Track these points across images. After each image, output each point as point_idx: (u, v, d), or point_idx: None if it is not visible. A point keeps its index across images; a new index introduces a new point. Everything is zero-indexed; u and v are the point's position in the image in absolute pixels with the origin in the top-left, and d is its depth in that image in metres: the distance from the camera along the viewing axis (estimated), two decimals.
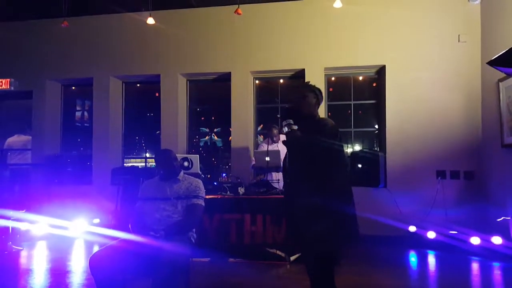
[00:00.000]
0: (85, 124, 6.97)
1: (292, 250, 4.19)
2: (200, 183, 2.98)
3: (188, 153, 6.22)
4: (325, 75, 5.86)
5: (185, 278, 2.75)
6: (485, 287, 3.71)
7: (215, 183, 4.87)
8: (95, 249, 4.63)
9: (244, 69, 6.01)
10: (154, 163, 6.47)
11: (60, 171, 6.50)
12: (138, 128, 6.82)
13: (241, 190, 4.58)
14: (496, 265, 4.16)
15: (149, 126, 6.75)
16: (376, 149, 5.88)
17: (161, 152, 3.12)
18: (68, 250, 4.91)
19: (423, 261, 4.54)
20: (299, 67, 5.84)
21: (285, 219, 4.07)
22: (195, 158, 4.70)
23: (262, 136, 6.26)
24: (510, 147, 4.56)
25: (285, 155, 2.38)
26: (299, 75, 5.92)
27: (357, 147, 6.00)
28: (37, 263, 4.36)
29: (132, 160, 6.81)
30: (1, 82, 6.40)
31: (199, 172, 4.72)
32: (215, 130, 6.69)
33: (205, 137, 6.71)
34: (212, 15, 6.07)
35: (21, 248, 4.88)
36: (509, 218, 4.37)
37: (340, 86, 6.06)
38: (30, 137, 6.64)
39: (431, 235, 4.86)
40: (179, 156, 4.28)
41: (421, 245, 4.86)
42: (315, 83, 2.50)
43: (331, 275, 2.11)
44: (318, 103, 2.34)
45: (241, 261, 4.24)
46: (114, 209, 5.55)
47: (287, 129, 2.19)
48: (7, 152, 6.52)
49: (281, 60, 5.87)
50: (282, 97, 6.27)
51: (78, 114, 7.05)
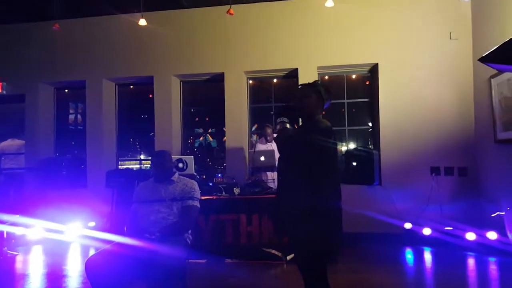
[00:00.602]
0: (79, 127, 6.92)
1: (288, 249, 4.19)
2: (195, 185, 2.98)
3: (182, 154, 6.20)
4: (318, 74, 5.88)
5: (181, 280, 2.74)
6: (481, 282, 3.73)
7: (210, 184, 4.87)
8: (91, 252, 4.62)
9: (237, 69, 6.00)
10: (149, 165, 6.47)
11: (54, 175, 6.44)
12: (132, 130, 6.79)
13: (237, 190, 4.59)
14: (491, 260, 4.20)
15: (143, 128, 6.72)
16: (370, 147, 5.90)
17: (157, 153, 3.11)
18: (64, 254, 4.87)
19: (419, 257, 4.56)
20: (292, 66, 5.85)
21: (272, 216, 4.07)
22: (190, 159, 4.70)
23: (256, 135, 6.27)
24: (503, 143, 4.59)
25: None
26: (293, 74, 5.93)
27: (351, 145, 6.02)
28: (33, 268, 4.32)
29: (126, 162, 6.78)
30: None
31: (194, 173, 4.71)
32: (210, 130, 6.67)
33: (200, 138, 6.69)
34: (204, 15, 6.06)
35: (17, 253, 4.85)
36: (504, 213, 4.40)
37: (333, 85, 6.07)
38: (23, 141, 6.59)
39: (427, 231, 4.89)
40: (174, 157, 4.28)
41: (417, 242, 4.88)
42: (309, 81, 2.49)
43: (324, 274, 2.10)
44: (322, 104, 2.31)
45: (237, 262, 4.25)
46: (109, 212, 5.53)
47: (279, 126, 2.19)
48: (1, 156, 6.48)
49: (274, 59, 5.87)
50: (276, 96, 6.27)
51: (71, 117, 7.00)
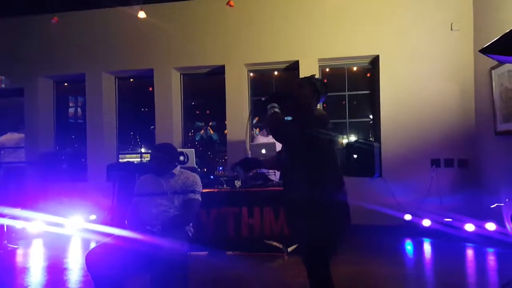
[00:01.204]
0: (79, 120, 6.91)
1: (289, 241, 4.21)
2: (197, 178, 2.97)
3: (183, 147, 6.20)
4: (319, 66, 5.86)
5: (183, 272, 2.75)
6: (480, 272, 3.76)
7: (212, 177, 4.88)
8: (92, 245, 4.63)
9: (238, 62, 5.97)
10: (149, 158, 6.46)
11: (54, 169, 6.45)
12: (132, 123, 6.78)
13: (238, 183, 4.59)
14: (490, 250, 4.23)
15: (143, 121, 6.71)
16: (371, 139, 5.90)
17: (154, 147, 3.09)
18: (64, 247, 4.89)
19: (418, 249, 4.59)
20: (293, 58, 5.82)
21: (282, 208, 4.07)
22: (191, 152, 4.69)
23: (258, 129, 6.25)
24: (503, 135, 4.59)
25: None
26: (293, 66, 5.90)
27: (352, 138, 6.02)
28: (33, 261, 4.34)
29: (127, 155, 6.78)
30: None
31: (195, 166, 4.71)
32: (210, 123, 6.66)
33: (201, 131, 6.68)
34: (204, 7, 6.01)
35: (17, 246, 4.87)
36: (503, 204, 4.41)
37: (334, 77, 6.05)
38: (23, 135, 6.58)
39: (426, 223, 4.92)
40: None
41: (417, 233, 4.91)
42: (310, 74, 2.48)
43: (326, 266, 2.11)
44: (317, 97, 2.29)
45: (239, 254, 4.27)
46: (110, 206, 5.53)
47: (270, 111, 2.17)
48: (0, 150, 6.47)
49: (275, 52, 5.84)
50: (277, 88, 6.25)
51: (71, 110, 6.98)
